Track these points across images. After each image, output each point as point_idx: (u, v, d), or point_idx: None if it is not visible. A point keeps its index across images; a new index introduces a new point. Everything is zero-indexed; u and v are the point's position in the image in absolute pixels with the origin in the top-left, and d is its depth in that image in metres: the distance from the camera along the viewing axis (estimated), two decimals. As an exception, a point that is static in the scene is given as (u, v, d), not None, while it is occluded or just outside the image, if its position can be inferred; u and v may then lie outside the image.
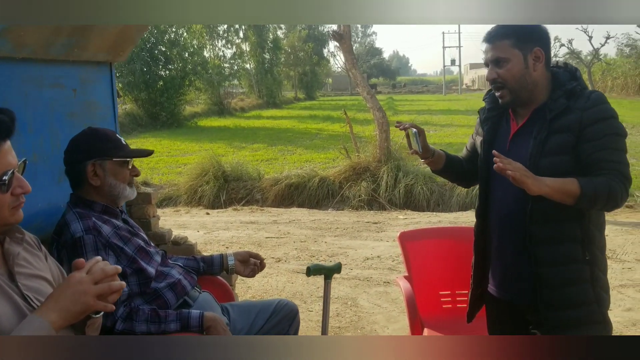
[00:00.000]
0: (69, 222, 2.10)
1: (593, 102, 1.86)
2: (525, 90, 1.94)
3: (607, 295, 1.97)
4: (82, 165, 2.20)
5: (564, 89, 1.92)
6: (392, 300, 4.57)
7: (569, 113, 1.87)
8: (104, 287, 1.43)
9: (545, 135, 1.89)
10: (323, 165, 11.29)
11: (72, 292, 1.40)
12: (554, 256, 1.90)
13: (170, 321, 2.06)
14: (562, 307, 1.91)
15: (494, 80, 1.96)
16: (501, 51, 1.93)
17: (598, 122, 1.84)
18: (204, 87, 27.97)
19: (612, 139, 1.84)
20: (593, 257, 1.90)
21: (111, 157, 2.20)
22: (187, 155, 13.94)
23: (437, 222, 7.38)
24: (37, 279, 1.60)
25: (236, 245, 6.37)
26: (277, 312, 2.46)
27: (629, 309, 4.22)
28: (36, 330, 1.35)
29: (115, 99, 3.35)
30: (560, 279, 1.90)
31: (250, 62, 37.28)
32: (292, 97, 45.84)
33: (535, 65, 1.93)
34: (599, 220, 1.94)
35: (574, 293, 1.90)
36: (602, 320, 1.93)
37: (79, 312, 1.43)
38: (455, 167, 2.24)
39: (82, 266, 1.45)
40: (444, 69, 69.69)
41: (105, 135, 2.26)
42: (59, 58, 2.81)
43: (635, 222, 6.92)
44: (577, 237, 1.89)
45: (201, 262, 2.50)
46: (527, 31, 1.93)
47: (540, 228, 1.90)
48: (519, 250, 1.96)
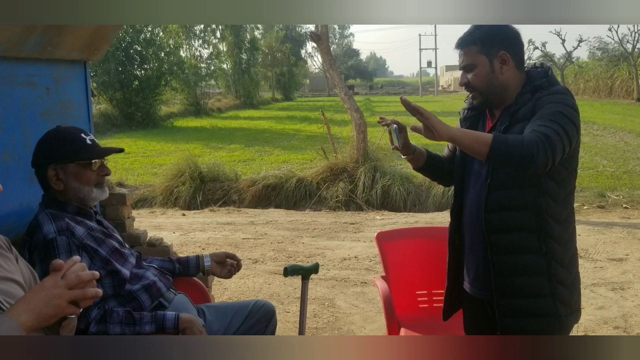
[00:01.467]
0: (42, 223, 2.06)
1: (552, 90, 1.91)
2: (494, 92, 1.99)
3: (568, 290, 1.96)
4: (43, 170, 2.16)
5: (532, 84, 1.96)
6: (370, 301, 4.58)
7: (529, 103, 1.91)
8: (77, 293, 1.40)
9: (506, 125, 1.93)
10: (300, 166, 11.28)
11: (45, 295, 1.38)
12: (508, 244, 1.93)
13: (145, 323, 2.03)
14: (513, 296, 1.94)
15: (466, 84, 2.03)
16: (469, 57, 1.99)
17: (548, 103, 1.85)
18: (180, 87, 27.75)
19: (552, 113, 1.80)
20: (550, 250, 1.91)
21: (72, 161, 2.14)
22: (162, 156, 13.80)
23: (414, 222, 7.43)
24: (7, 281, 1.56)
25: (213, 246, 6.32)
26: (254, 313, 2.45)
27: (601, 307, 4.31)
28: (5, 330, 1.32)
29: (90, 98, 3.30)
30: (514, 268, 1.93)
31: (227, 62, 37.13)
32: (269, 98, 45.74)
33: (502, 68, 1.97)
34: (561, 213, 1.93)
35: (526, 283, 1.93)
36: (556, 314, 1.93)
37: (51, 315, 1.40)
38: (436, 166, 2.26)
39: (61, 268, 1.43)
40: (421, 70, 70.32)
41: (67, 137, 2.17)
42: (32, 56, 2.76)
43: (607, 222, 7.06)
44: (532, 227, 1.91)
45: (177, 263, 2.48)
46: (492, 35, 1.97)
47: (494, 216, 1.94)
48: (485, 244, 1.99)
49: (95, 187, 2.20)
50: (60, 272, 1.41)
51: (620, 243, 6.05)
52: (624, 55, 34.37)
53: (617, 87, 34.71)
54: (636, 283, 4.82)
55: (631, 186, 9.20)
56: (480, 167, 2.02)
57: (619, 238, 6.24)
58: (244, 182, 9.45)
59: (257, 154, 13.94)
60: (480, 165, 2.02)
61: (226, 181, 9.56)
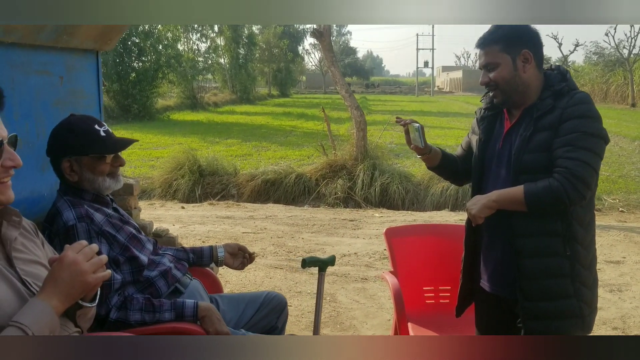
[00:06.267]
0: (61, 210, 2.07)
1: (575, 100, 1.93)
2: (516, 91, 2.01)
3: (590, 290, 2.02)
4: (58, 161, 2.16)
5: (552, 89, 1.99)
6: (370, 297, 4.62)
7: (553, 112, 1.94)
8: (95, 261, 1.43)
9: (530, 133, 1.96)
10: (298, 162, 11.29)
11: (69, 274, 1.39)
12: (534, 248, 1.96)
13: (165, 310, 2.05)
14: (539, 299, 1.97)
15: (487, 83, 2.05)
16: (491, 57, 2.01)
17: (573, 119, 1.90)
18: (177, 81, 27.69)
19: (579, 136, 1.87)
20: (574, 253, 1.95)
21: (86, 154, 2.13)
22: (159, 149, 13.78)
23: (412, 220, 7.46)
24: (35, 264, 1.58)
25: (213, 239, 6.34)
26: (266, 304, 2.47)
27: (599, 308, 4.28)
28: (39, 314, 1.34)
29: (101, 87, 3.32)
30: (539, 271, 1.96)
31: (224, 56, 37.05)
32: (265, 94, 45.69)
33: (525, 67, 2.00)
34: (585, 217, 1.99)
35: (552, 286, 1.96)
36: (580, 315, 1.98)
37: (79, 294, 1.42)
38: (450, 165, 2.28)
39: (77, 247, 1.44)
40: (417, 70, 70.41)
41: (81, 129, 2.16)
42: (47, 44, 2.77)
43: (603, 225, 7.12)
44: (558, 232, 1.95)
45: (191, 253, 2.50)
46: (515, 34, 2.00)
47: (521, 222, 1.96)
48: (505, 245, 2.02)
49: (108, 177, 2.20)
50: (76, 248, 1.42)
51: (617, 246, 6.11)
52: (620, 61, 34.57)
53: (612, 92, 34.92)
54: (633, 285, 4.88)
55: (627, 190, 9.28)
56: (499, 167, 2.05)
57: (616, 241, 6.30)
58: (242, 176, 9.46)
59: (254, 149, 13.94)
60: (499, 166, 2.05)
61: (225, 175, 9.56)
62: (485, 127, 2.14)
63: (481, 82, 2.07)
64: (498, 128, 2.12)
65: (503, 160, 2.05)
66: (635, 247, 6.05)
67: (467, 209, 2.02)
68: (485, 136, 2.13)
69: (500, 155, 2.06)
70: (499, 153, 2.07)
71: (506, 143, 2.05)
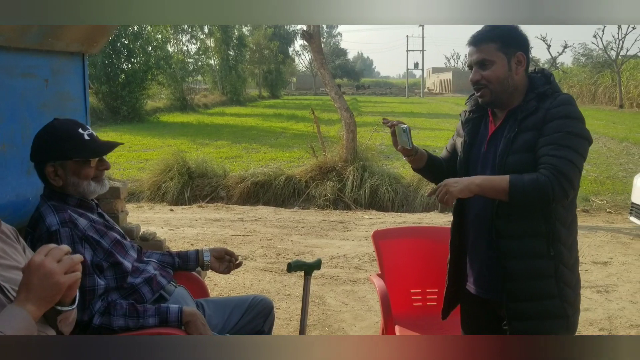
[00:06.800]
0: (44, 215, 2.05)
1: (559, 102, 1.95)
2: (506, 92, 2.01)
3: (574, 291, 2.03)
4: (42, 166, 2.14)
5: (536, 91, 2.00)
6: (359, 299, 4.62)
7: (537, 113, 1.96)
8: (67, 260, 1.41)
9: (514, 134, 1.97)
10: (288, 164, 11.28)
11: (38, 278, 1.37)
12: (518, 250, 1.97)
13: (149, 316, 2.04)
14: (524, 299, 1.98)
15: (478, 81, 2.02)
16: (487, 54, 1.99)
17: (556, 119, 1.91)
18: (166, 82, 27.59)
19: (564, 136, 1.88)
20: (558, 253, 1.97)
21: (71, 158, 2.12)
22: (149, 151, 13.72)
23: (402, 222, 7.48)
24: (15, 270, 1.57)
25: (202, 242, 6.32)
26: (252, 308, 2.46)
27: (586, 309, 4.38)
28: (15, 319, 1.33)
29: (87, 90, 3.29)
30: (524, 272, 1.97)
31: (214, 58, 36.98)
32: (256, 95, 45.65)
33: (517, 69, 2.01)
34: (567, 217, 2.00)
35: (537, 286, 1.97)
36: (564, 315, 2.00)
37: (53, 296, 1.40)
38: (435, 167, 2.28)
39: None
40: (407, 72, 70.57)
41: (64, 134, 2.14)
42: (33, 47, 2.75)
43: (591, 225, 7.17)
44: (541, 232, 1.96)
45: (176, 257, 2.49)
46: (511, 36, 2.01)
47: (505, 223, 1.97)
48: (490, 247, 2.03)
49: (93, 181, 2.18)
50: (43, 251, 1.40)
51: (605, 247, 6.16)
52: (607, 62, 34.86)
53: (600, 94, 35.21)
54: (620, 286, 4.92)
55: (614, 191, 9.35)
56: (484, 170, 2.06)
57: (603, 242, 6.35)
58: (232, 178, 9.43)
59: (244, 151, 13.92)
60: (484, 168, 2.06)
61: (214, 177, 9.53)
62: (470, 129, 2.14)
63: (472, 79, 2.04)
64: (483, 130, 2.12)
65: (488, 162, 2.06)
66: (622, 248, 6.10)
67: (446, 185, 1.90)
68: (470, 139, 2.13)
69: (485, 158, 2.07)
70: (484, 155, 2.07)
71: (491, 145, 2.05)
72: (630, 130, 19.04)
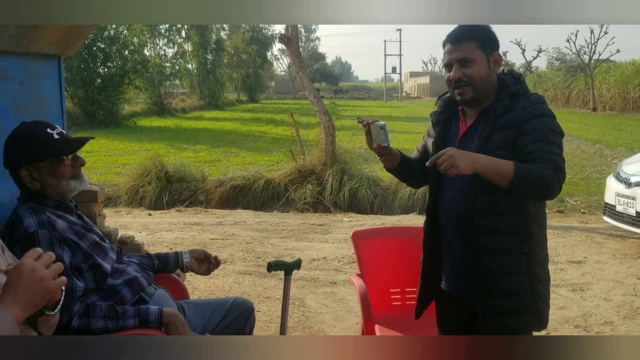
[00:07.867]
0: (22, 216, 2.03)
1: (533, 101, 2.00)
2: (485, 90, 2.04)
3: (545, 287, 2.07)
4: (16, 171, 2.12)
5: (508, 90, 2.05)
6: (339, 300, 4.64)
7: (511, 112, 2.00)
8: (55, 266, 1.41)
9: (489, 133, 2.00)
10: (267, 168, 11.27)
11: (28, 282, 1.36)
12: (493, 247, 2.00)
13: (129, 317, 2.03)
14: (498, 296, 2.01)
15: (459, 79, 2.02)
16: (468, 52, 2.01)
17: (534, 118, 1.96)
18: (143, 86, 27.37)
19: (546, 133, 1.93)
20: (530, 250, 2.01)
21: (44, 159, 2.10)
22: (126, 155, 13.59)
23: (381, 224, 7.53)
24: (-6, 272, 1.55)
25: (180, 246, 6.28)
26: (233, 310, 2.46)
27: (562, 307, 4.46)
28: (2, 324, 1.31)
29: (64, 93, 3.26)
30: (498, 269, 2.00)
31: (192, 62, 36.75)
32: (234, 99, 45.50)
33: (495, 68, 2.06)
34: (538, 215, 2.05)
35: (510, 283, 2.01)
36: (537, 311, 2.03)
37: (40, 301, 1.40)
38: (407, 168, 2.30)
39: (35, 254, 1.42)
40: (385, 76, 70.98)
41: (33, 136, 2.11)
42: (7, 49, 2.72)
43: (566, 226, 7.30)
44: (515, 229, 2.00)
45: (156, 259, 2.47)
46: (489, 36, 2.05)
47: (481, 220, 2.00)
48: (464, 245, 2.06)
49: (71, 180, 2.17)
50: (33, 255, 1.40)
51: (579, 246, 6.27)
52: (581, 66, 35.47)
53: (574, 97, 35.80)
54: (594, 284, 5.02)
55: (588, 192, 9.53)
56: None
57: (578, 242, 6.47)
58: (211, 182, 9.39)
59: (222, 155, 13.86)
60: None
61: (193, 181, 9.48)
62: (440, 129, 2.17)
63: (453, 76, 2.03)
64: (454, 130, 2.16)
65: None
66: (596, 248, 6.22)
67: (452, 155, 1.78)
68: (440, 138, 2.16)
69: None
70: None
71: (463, 145, 2.07)
72: (603, 133, 19.40)
